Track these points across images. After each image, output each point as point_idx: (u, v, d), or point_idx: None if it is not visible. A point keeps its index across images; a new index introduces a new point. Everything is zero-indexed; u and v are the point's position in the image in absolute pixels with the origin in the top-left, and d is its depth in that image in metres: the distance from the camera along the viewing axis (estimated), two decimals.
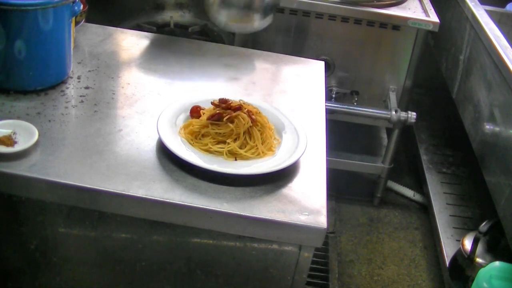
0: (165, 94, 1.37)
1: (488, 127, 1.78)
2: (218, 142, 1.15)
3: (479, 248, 1.75)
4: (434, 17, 2.13)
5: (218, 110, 1.19)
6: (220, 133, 1.15)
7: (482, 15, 2.03)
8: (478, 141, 1.85)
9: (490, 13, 2.07)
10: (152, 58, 1.54)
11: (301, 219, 1.04)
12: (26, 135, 1.10)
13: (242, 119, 1.16)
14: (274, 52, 1.72)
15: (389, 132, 2.33)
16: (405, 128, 2.28)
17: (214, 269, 1.15)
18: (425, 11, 2.19)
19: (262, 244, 1.10)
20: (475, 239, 1.75)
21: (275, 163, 1.13)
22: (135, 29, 1.76)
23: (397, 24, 2.15)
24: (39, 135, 1.11)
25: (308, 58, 1.71)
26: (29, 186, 1.05)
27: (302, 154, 1.16)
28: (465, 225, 2.14)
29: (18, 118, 1.18)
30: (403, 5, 2.23)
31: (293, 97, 1.46)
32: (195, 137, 1.16)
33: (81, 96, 1.30)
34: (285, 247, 1.09)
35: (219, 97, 1.23)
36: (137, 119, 1.24)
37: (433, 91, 3.04)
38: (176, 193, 1.04)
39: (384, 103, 2.30)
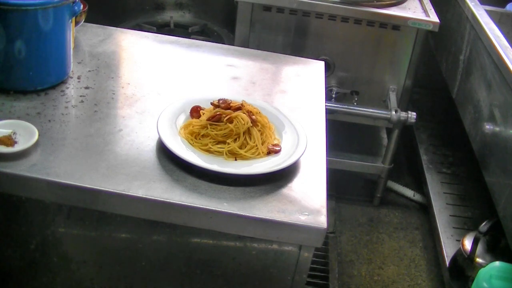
0: (165, 94, 1.37)
1: (488, 127, 1.78)
2: (218, 142, 1.15)
3: (479, 248, 1.75)
4: (434, 17, 2.13)
5: (217, 110, 1.19)
6: (219, 134, 1.15)
7: (482, 15, 2.03)
8: (478, 141, 1.85)
9: (490, 13, 2.07)
10: (152, 58, 1.54)
11: (301, 219, 1.04)
12: (26, 135, 1.10)
13: (241, 119, 1.16)
14: (274, 52, 1.72)
15: (389, 132, 2.33)
16: (405, 128, 2.28)
17: (214, 269, 1.15)
18: (425, 11, 2.19)
19: (262, 244, 1.10)
20: (475, 239, 1.75)
21: (275, 163, 1.13)
22: (135, 29, 1.76)
23: (397, 24, 2.15)
24: (39, 135, 1.10)
25: (308, 58, 1.71)
26: (29, 186, 1.04)
27: (302, 154, 1.16)
28: (465, 225, 2.14)
29: (18, 118, 1.17)
30: (403, 5, 2.23)
31: (293, 97, 1.46)
32: (195, 137, 1.16)
33: (81, 96, 1.30)
34: (285, 247, 1.09)
35: (219, 97, 1.23)
36: (137, 119, 1.24)
37: (433, 91, 3.04)
38: (176, 193, 1.04)
39: (384, 103, 2.30)
